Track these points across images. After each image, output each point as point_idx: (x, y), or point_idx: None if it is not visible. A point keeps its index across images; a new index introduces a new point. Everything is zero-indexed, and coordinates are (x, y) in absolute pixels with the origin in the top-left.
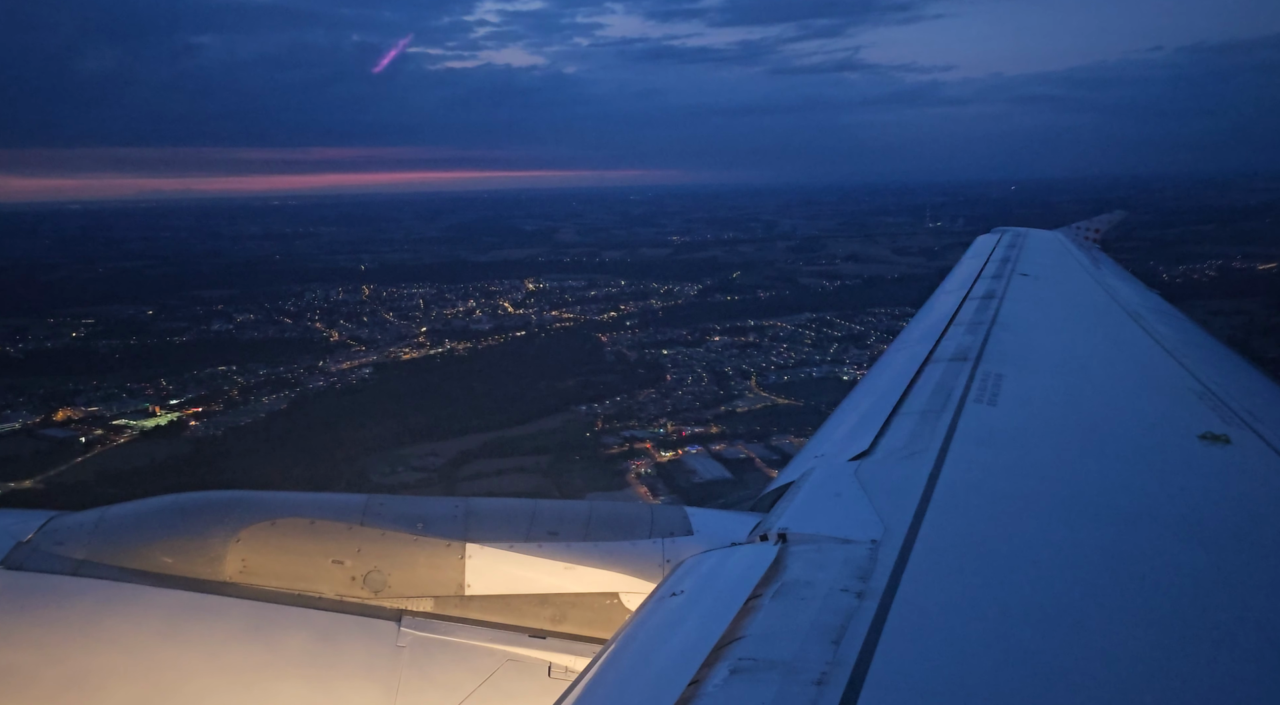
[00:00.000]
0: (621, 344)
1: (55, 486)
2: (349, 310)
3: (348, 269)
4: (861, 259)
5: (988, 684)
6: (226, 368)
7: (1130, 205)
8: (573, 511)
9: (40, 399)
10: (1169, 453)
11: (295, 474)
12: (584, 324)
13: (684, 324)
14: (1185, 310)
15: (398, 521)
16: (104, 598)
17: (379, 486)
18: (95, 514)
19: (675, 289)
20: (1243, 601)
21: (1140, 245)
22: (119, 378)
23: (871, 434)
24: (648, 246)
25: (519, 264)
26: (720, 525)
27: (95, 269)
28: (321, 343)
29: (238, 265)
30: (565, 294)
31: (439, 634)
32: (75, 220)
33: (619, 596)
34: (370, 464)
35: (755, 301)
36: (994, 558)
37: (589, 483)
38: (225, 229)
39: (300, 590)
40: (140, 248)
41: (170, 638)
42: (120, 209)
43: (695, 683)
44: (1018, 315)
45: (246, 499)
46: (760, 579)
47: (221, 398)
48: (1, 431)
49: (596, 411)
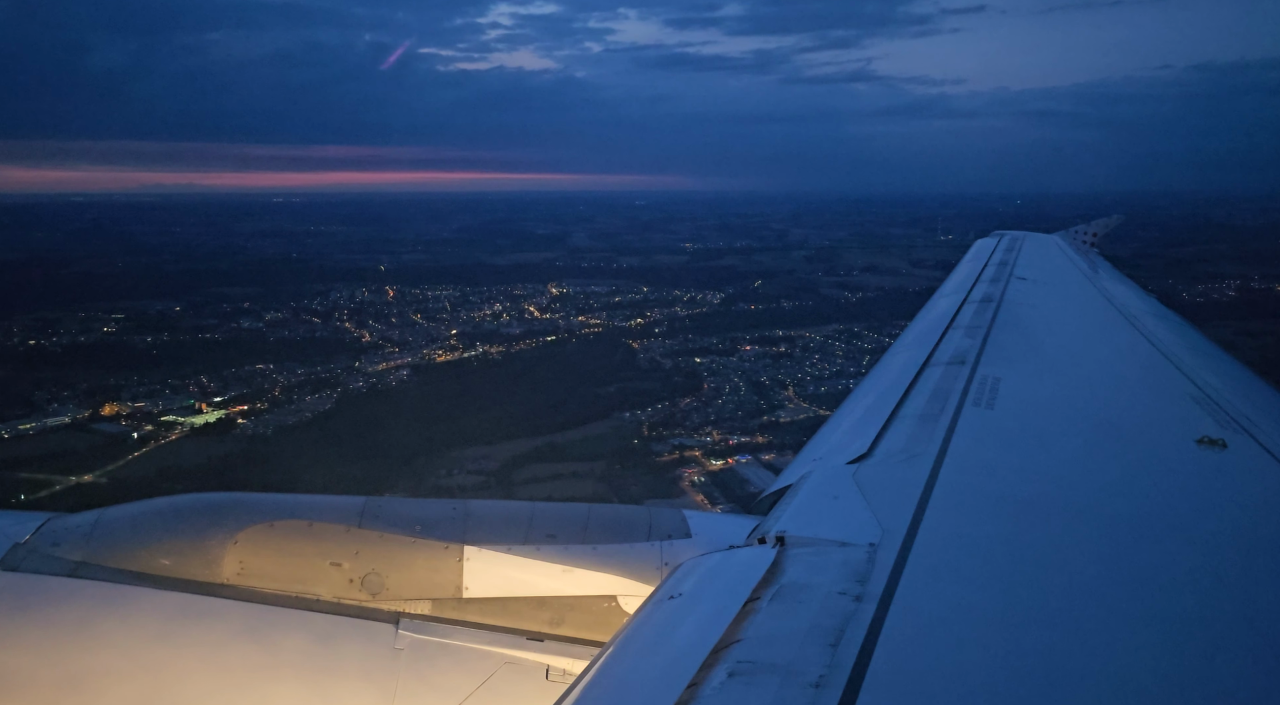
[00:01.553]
0: (654, 351)
1: (118, 482)
2: (376, 311)
3: (367, 269)
4: (880, 271)
5: (986, 687)
6: (263, 366)
7: (1140, 222)
8: (571, 514)
9: (84, 393)
10: (1166, 457)
11: (351, 474)
12: (612, 330)
13: (712, 333)
14: (1216, 333)
15: (396, 524)
16: (101, 599)
17: (438, 488)
18: (92, 516)
19: (698, 297)
20: (1240, 605)
21: (1155, 264)
22: (158, 373)
23: (870, 437)
24: (663, 253)
25: (538, 268)
26: (718, 528)
27: (115, 263)
28: (354, 343)
29: (255, 263)
30: (589, 299)
31: (437, 636)
32: (82, 213)
33: (617, 599)
34: (424, 466)
35: (780, 311)
36: (992, 561)
37: (646, 490)
38: (233, 225)
39: (298, 592)
40: (155, 242)
41: (168, 640)
42: (123, 203)
43: (693, 685)
44: (1015, 319)
45: (244, 501)
46: (758, 582)
47: (264, 397)
48: (53, 425)
49: (640, 418)
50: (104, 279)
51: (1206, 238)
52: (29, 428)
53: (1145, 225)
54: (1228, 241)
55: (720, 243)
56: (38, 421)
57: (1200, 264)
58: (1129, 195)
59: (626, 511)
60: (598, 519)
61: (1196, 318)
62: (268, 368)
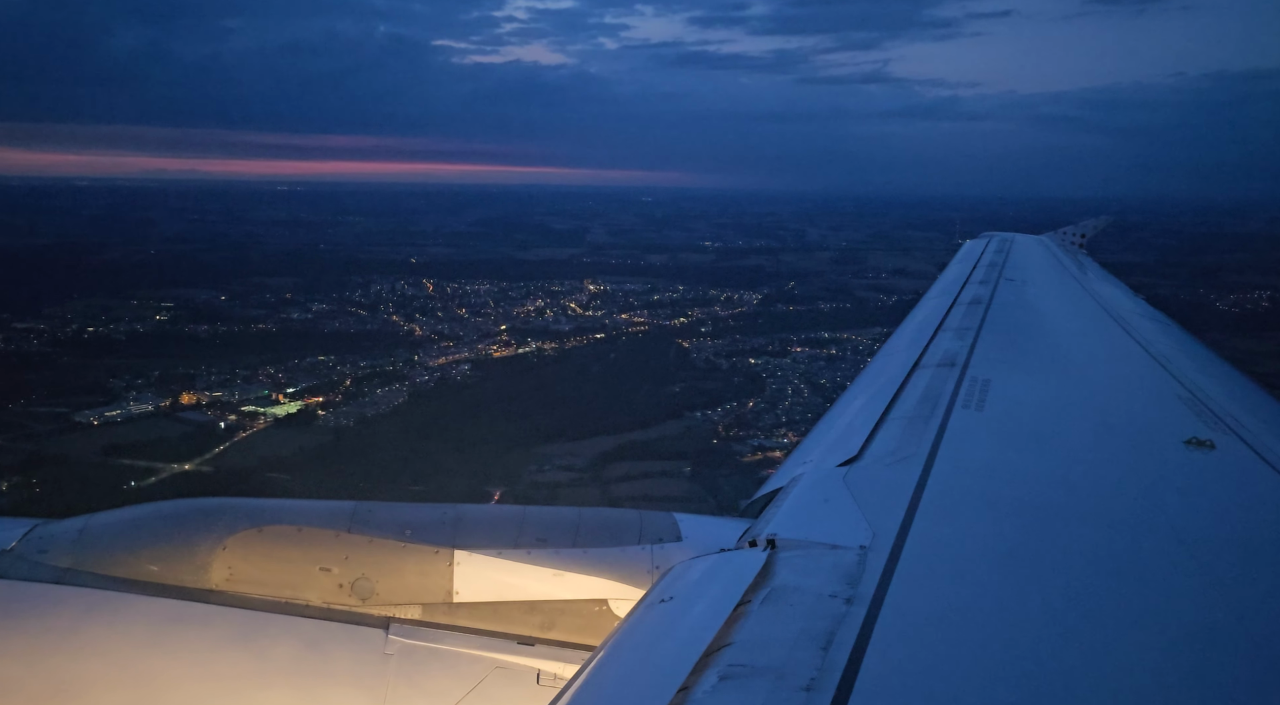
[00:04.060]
0: (706, 351)
1: (224, 471)
2: (420, 305)
3: (398, 262)
4: (909, 274)
5: (976, 689)
6: (324, 358)
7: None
8: (562, 518)
9: (158, 382)
10: (1155, 458)
11: (449, 466)
12: (658, 329)
13: (758, 333)
14: (1258, 346)
15: (385, 528)
16: (88, 606)
17: (534, 484)
18: (79, 522)
19: (734, 297)
20: (1228, 606)
21: (1180, 274)
22: (223, 363)
23: (860, 440)
24: (686, 251)
25: (567, 264)
26: (709, 531)
27: (147, 251)
28: (407, 337)
29: (284, 253)
30: (629, 298)
31: (427, 641)
32: (93, 199)
33: (608, 603)
34: (513, 462)
35: (819, 313)
36: (982, 563)
37: (740, 492)
38: (247, 213)
39: (287, 598)
40: (176, 230)
41: (156, 646)
42: (129, 187)
43: (684, 689)
44: (1005, 321)
45: (233, 506)
46: (749, 585)
47: (334, 389)
48: (138, 413)
49: (712, 419)
50: (141, 267)
51: (1227, 246)
52: (116, 415)
53: (1163, 233)
54: (1248, 250)
55: (740, 242)
56: (122, 409)
57: (1228, 274)
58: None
59: (617, 515)
60: (588, 523)
61: (1238, 331)
62: (329, 360)
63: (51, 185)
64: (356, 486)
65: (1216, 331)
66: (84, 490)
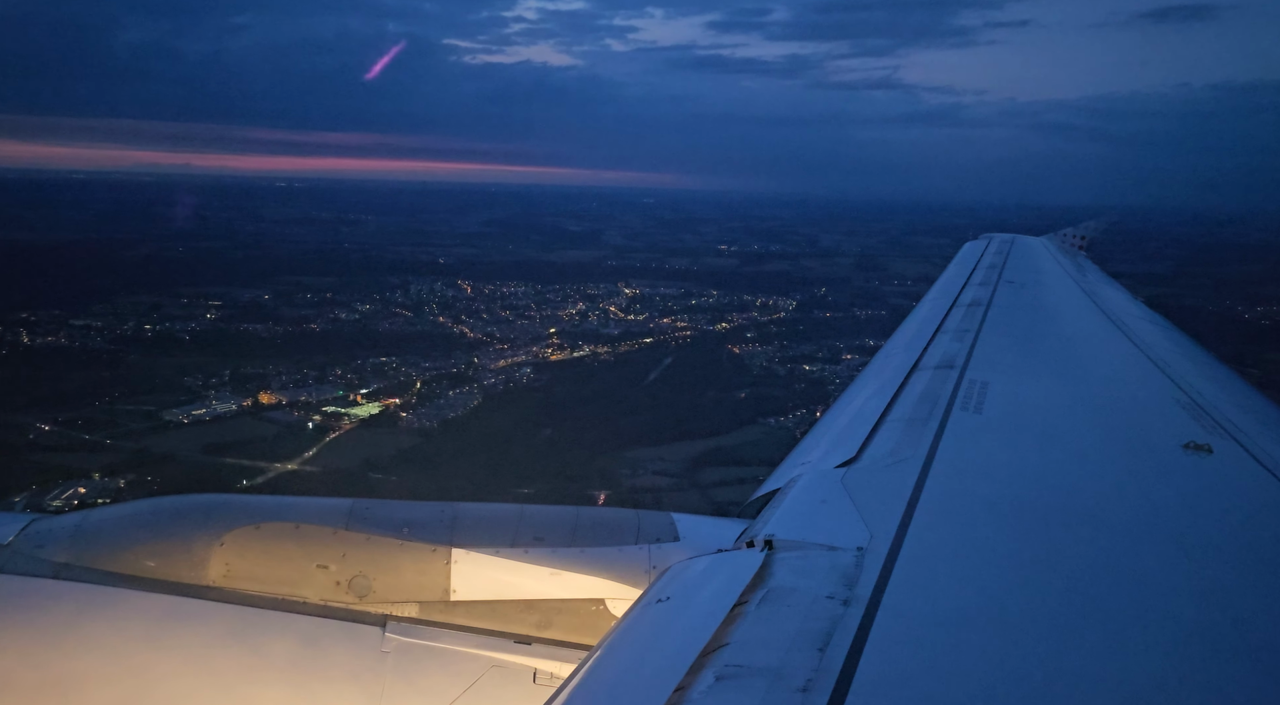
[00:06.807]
0: (758, 357)
1: (330, 472)
2: (463, 306)
3: (427, 262)
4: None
5: (973, 691)
6: (387, 359)
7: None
8: (559, 517)
9: (232, 381)
10: (1153, 461)
11: (549, 469)
12: (704, 334)
13: (803, 340)
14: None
15: (383, 526)
16: (85, 601)
17: (635, 488)
18: (77, 517)
19: (769, 302)
20: (1226, 609)
21: (1203, 284)
22: (290, 363)
23: (858, 441)
24: (706, 255)
25: (595, 267)
26: (707, 532)
27: (175, 248)
28: (459, 339)
29: (313, 252)
30: (667, 302)
31: (424, 640)
32: (102, 192)
33: (605, 602)
34: (605, 466)
35: (857, 320)
36: (980, 565)
37: None
38: (258, 210)
39: (284, 595)
40: (193, 226)
41: (152, 642)
42: (125, 181)
43: (680, 689)
44: (1003, 323)
45: (230, 502)
46: (746, 586)
47: (406, 390)
48: (222, 412)
49: (786, 425)
50: (174, 264)
51: (1242, 256)
52: (203, 414)
53: (1172, 243)
54: (1263, 261)
55: (755, 246)
56: (207, 408)
57: (1251, 285)
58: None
59: (614, 514)
60: (586, 522)
61: (1269, 342)
62: (392, 361)
63: (56, 179)
64: (462, 489)
65: (1243, 343)
66: (204, 490)
